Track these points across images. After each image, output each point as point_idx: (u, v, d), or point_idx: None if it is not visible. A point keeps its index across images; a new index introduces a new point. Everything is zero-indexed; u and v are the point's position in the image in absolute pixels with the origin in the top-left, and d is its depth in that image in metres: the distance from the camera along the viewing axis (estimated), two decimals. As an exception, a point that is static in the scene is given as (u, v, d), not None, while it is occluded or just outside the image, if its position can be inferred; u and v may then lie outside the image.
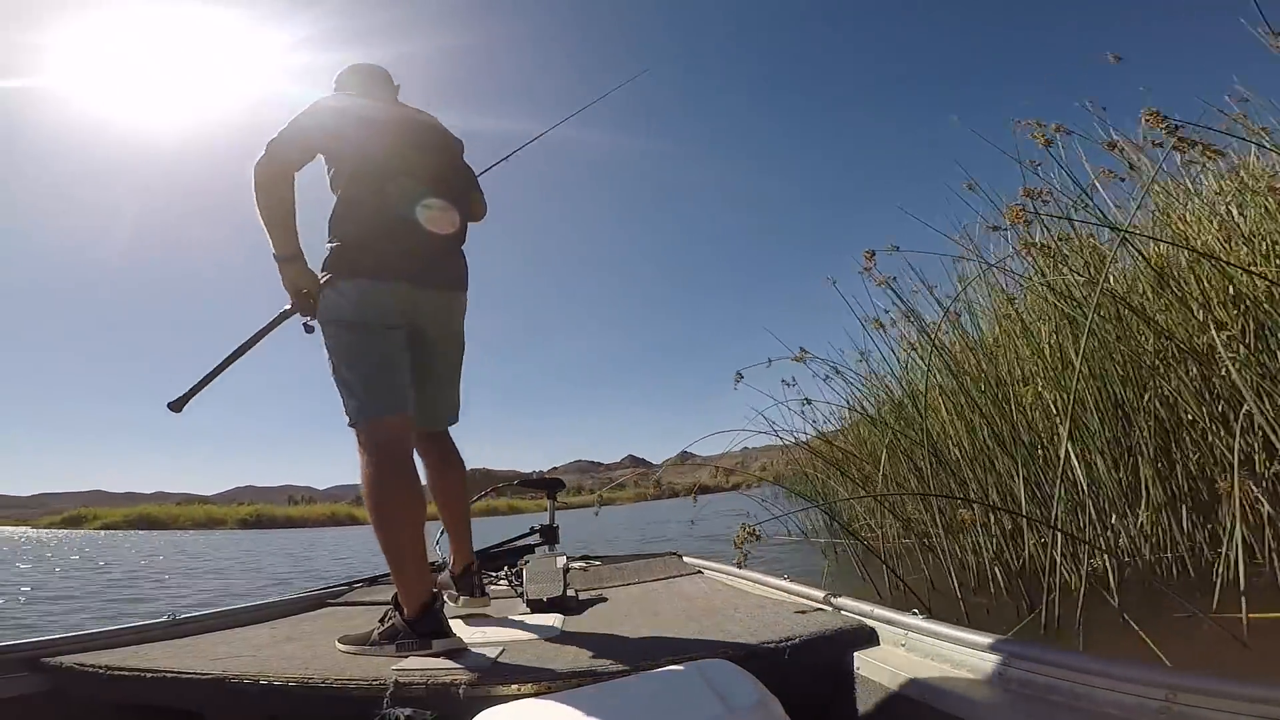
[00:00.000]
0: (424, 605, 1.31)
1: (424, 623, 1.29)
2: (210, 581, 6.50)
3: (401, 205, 1.53)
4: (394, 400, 1.46)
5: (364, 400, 1.44)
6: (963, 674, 0.91)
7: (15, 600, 4.96)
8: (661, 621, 1.41)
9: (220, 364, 1.68)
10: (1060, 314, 2.36)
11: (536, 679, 1.02)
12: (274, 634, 1.56)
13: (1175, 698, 0.65)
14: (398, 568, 1.36)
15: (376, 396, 1.44)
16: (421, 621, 1.29)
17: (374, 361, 1.46)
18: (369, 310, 1.46)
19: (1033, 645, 0.84)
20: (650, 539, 8.13)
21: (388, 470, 1.39)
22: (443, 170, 1.66)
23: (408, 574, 1.35)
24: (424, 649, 1.25)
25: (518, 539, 2.83)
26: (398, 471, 1.41)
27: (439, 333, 1.63)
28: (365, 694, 1.02)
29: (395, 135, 1.60)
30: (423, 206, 1.56)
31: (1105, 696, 0.72)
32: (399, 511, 1.38)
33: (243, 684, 1.07)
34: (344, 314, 1.46)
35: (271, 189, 1.47)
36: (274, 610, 1.93)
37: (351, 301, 1.46)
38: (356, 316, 1.46)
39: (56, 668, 1.19)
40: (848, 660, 1.07)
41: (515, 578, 2.07)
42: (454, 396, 1.74)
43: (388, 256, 1.49)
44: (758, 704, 0.75)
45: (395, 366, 1.48)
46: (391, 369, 1.47)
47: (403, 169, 1.56)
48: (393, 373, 1.47)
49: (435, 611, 1.31)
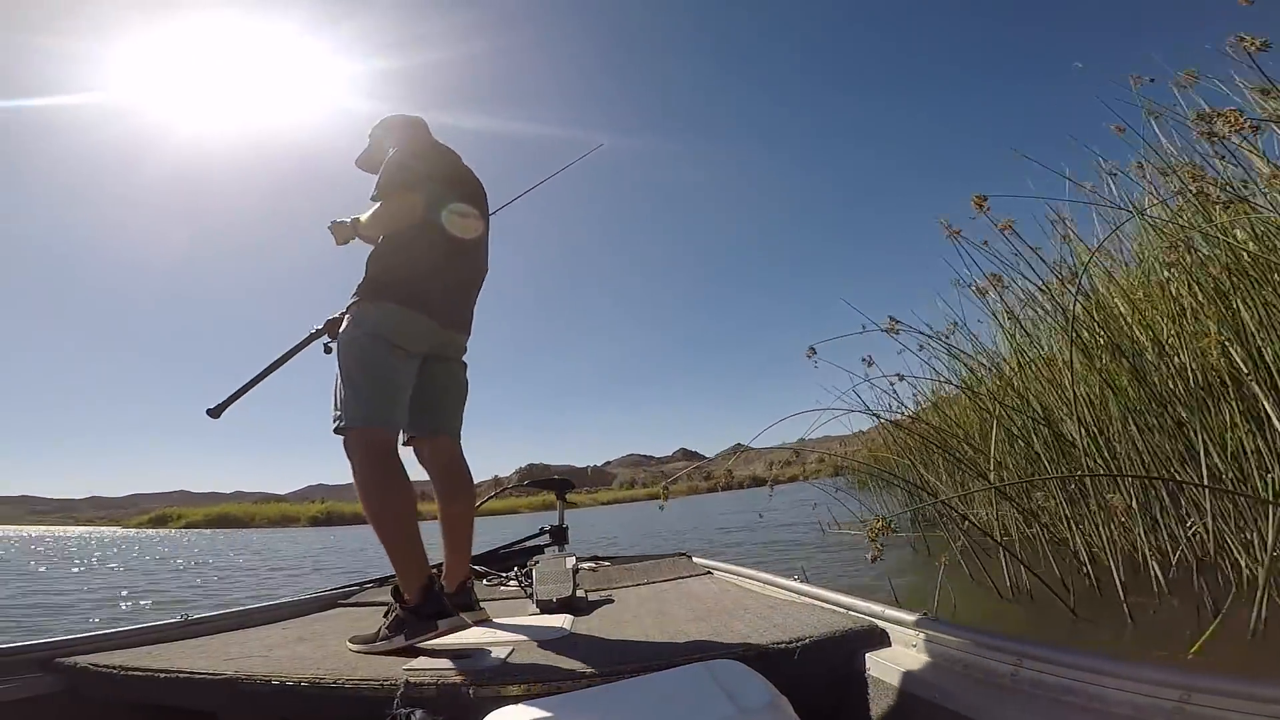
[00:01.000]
0: (424, 588, 1.37)
1: (426, 605, 1.35)
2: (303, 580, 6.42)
3: (441, 248, 1.66)
4: (391, 416, 1.55)
5: (368, 405, 1.52)
6: (974, 675, 0.90)
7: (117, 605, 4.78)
8: (671, 622, 1.41)
9: (256, 376, 1.86)
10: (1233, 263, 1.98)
11: (546, 679, 1.02)
12: (286, 634, 1.57)
13: (1190, 698, 0.65)
14: (394, 556, 1.43)
15: (380, 407, 1.53)
16: (424, 605, 1.35)
17: (390, 377, 1.55)
18: (404, 336, 1.57)
19: (1044, 645, 0.84)
20: (716, 533, 7.76)
21: (377, 467, 1.48)
22: (480, 220, 1.79)
23: (405, 562, 1.42)
24: (430, 630, 1.31)
25: (527, 539, 2.84)
26: (386, 467, 1.49)
27: (445, 355, 1.74)
28: (376, 694, 1.03)
29: (443, 181, 1.72)
30: (460, 250, 1.72)
31: (1119, 697, 0.72)
32: (392, 504, 1.46)
33: (255, 684, 1.08)
34: (384, 331, 1.56)
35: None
36: (286, 610, 1.95)
37: (394, 323, 1.56)
38: (393, 338, 1.56)
39: (71, 668, 1.20)
40: (859, 661, 1.07)
41: (525, 578, 2.08)
42: (459, 412, 1.81)
43: (429, 294, 1.62)
44: (768, 705, 0.75)
45: (403, 388, 1.58)
46: (400, 389, 1.57)
47: (453, 215, 1.69)
48: (399, 393, 1.57)
49: (435, 593, 1.37)
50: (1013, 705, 0.79)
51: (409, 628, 1.33)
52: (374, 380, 1.53)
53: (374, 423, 1.51)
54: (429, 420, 1.71)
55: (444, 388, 1.75)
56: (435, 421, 1.72)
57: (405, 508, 1.47)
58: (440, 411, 1.73)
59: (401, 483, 1.50)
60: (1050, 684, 0.80)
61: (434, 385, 1.70)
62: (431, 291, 1.62)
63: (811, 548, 4.88)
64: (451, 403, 1.78)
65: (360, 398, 1.51)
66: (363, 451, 1.49)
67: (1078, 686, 0.76)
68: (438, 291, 1.64)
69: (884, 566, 2.66)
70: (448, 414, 1.76)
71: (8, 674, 1.17)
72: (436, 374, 1.71)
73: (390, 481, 1.48)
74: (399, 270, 1.62)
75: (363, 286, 1.61)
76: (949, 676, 0.91)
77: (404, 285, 1.60)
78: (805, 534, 5.76)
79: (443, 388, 1.74)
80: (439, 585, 1.41)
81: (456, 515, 1.73)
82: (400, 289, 1.59)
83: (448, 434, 1.76)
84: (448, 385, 1.76)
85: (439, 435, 1.73)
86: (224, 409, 1.81)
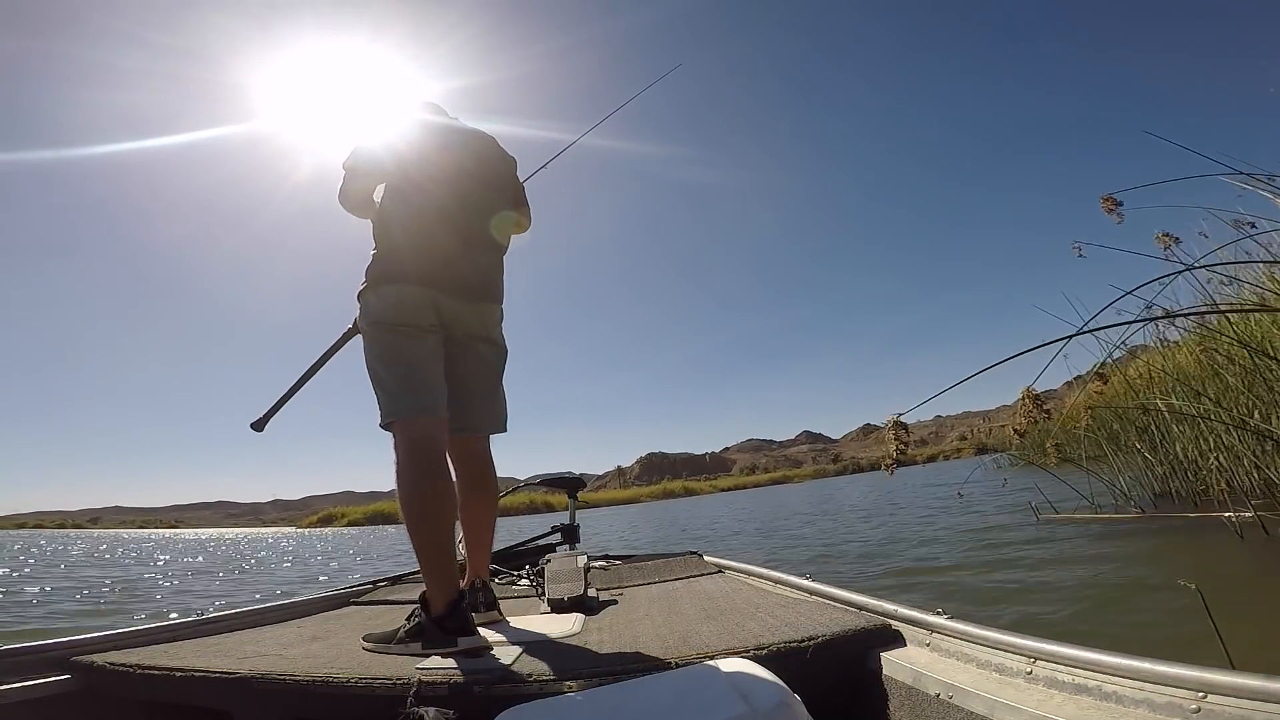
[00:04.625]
0: (451, 603, 1.34)
1: (450, 620, 1.32)
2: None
3: (428, 217, 1.61)
4: (427, 401, 1.51)
5: (398, 399, 1.49)
6: (988, 674, 0.89)
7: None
8: (682, 620, 1.41)
9: (295, 384, 1.89)
10: None
11: (558, 678, 1.02)
12: (300, 633, 1.58)
13: (1207, 698, 0.64)
14: (427, 565, 1.40)
15: (410, 396, 1.50)
16: (449, 619, 1.32)
17: (409, 361, 1.52)
18: (405, 313, 1.53)
19: (1059, 644, 0.83)
20: (897, 527, 5.90)
21: (420, 469, 1.44)
22: (474, 185, 1.72)
23: (436, 572, 1.39)
24: (449, 645, 1.27)
25: (539, 538, 2.84)
26: (429, 471, 1.45)
27: (469, 339, 1.67)
28: (389, 693, 1.03)
29: (429, 152, 1.69)
30: (463, 218, 1.66)
31: (1136, 696, 0.71)
32: (430, 510, 1.42)
33: (270, 683, 1.09)
34: (384, 316, 1.54)
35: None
36: (299, 609, 1.97)
37: (390, 304, 1.54)
38: (395, 318, 1.53)
39: (88, 667, 1.21)
40: (871, 660, 1.06)
41: (536, 577, 2.08)
42: (493, 405, 1.74)
43: (418, 265, 1.56)
44: (780, 703, 0.75)
45: (429, 368, 1.53)
46: (425, 370, 1.52)
47: (433, 184, 1.65)
48: (426, 374, 1.52)
49: (461, 610, 1.34)
50: (1027, 705, 0.79)
51: (428, 637, 1.31)
52: (395, 369, 1.51)
53: (410, 413, 1.48)
54: (457, 417, 1.64)
55: (464, 379, 1.66)
56: (460, 419, 1.65)
57: (441, 513, 1.43)
58: (462, 406, 1.65)
59: (440, 486, 1.45)
60: (1064, 683, 0.79)
61: (454, 375, 1.64)
62: (419, 260, 1.57)
63: (1049, 548, 3.47)
64: (478, 396, 1.69)
65: (389, 392, 1.50)
66: (405, 446, 1.45)
67: (1093, 686, 0.76)
68: (425, 259, 1.58)
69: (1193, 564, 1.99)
70: (473, 409, 1.69)
71: (25, 673, 1.18)
72: (457, 360, 1.65)
73: (426, 484, 1.43)
74: (381, 249, 1.60)
75: (369, 268, 1.61)
76: (962, 676, 0.90)
77: (388, 261, 1.58)
78: (1013, 519, 4.46)
79: (462, 379, 1.66)
80: (467, 602, 1.39)
81: (476, 514, 1.72)
82: (386, 265, 1.57)
83: (472, 432, 1.70)
84: (467, 375, 1.67)
85: (462, 433, 1.67)
86: (266, 421, 1.85)
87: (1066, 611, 2.29)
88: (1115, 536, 3.37)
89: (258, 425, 1.86)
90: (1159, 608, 2.16)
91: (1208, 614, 1.34)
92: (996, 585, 2.83)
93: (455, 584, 1.39)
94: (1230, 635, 1.37)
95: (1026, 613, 2.34)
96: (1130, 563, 2.89)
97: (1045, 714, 0.75)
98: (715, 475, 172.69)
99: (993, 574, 3.11)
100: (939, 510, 6.47)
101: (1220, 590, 2.16)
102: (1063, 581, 2.66)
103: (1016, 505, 4.80)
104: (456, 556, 1.45)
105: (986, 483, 4.81)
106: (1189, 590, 1.37)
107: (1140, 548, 3.15)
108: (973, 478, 4.77)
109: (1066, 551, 3.33)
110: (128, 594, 5.56)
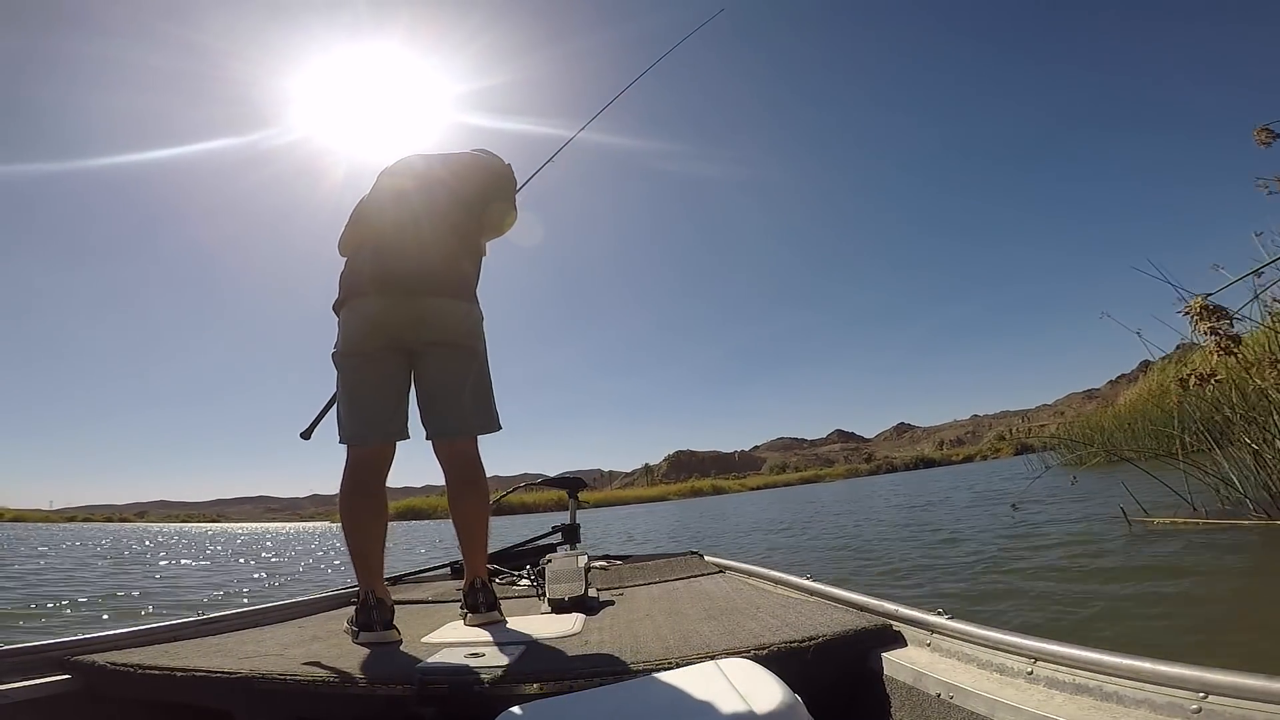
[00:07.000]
0: (361, 601, 1.51)
1: (357, 617, 1.49)
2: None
3: (374, 227, 1.76)
4: (359, 430, 1.65)
5: (342, 426, 1.68)
6: (989, 674, 0.89)
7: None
8: (683, 620, 1.41)
9: (335, 395, 1.93)
10: None
11: (558, 678, 1.02)
12: (301, 633, 1.58)
13: (1208, 698, 0.64)
14: (355, 567, 1.62)
15: (349, 425, 1.66)
16: (356, 616, 1.49)
17: (350, 392, 1.68)
18: (351, 341, 1.67)
19: (1060, 644, 0.83)
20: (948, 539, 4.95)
21: (346, 489, 1.64)
22: (439, 190, 1.82)
23: (357, 574, 1.61)
24: (353, 637, 1.45)
25: (539, 538, 2.84)
26: (352, 491, 1.64)
27: (423, 341, 1.68)
28: (390, 693, 1.04)
29: (391, 177, 1.84)
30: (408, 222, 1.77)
31: (1136, 696, 0.71)
32: (348, 523, 1.62)
33: (271, 683, 1.09)
34: (337, 345, 1.70)
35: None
36: (300, 609, 1.96)
37: (341, 334, 1.70)
38: (343, 348, 1.69)
39: (88, 666, 1.21)
40: (872, 660, 1.06)
41: (537, 577, 2.09)
42: (465, 408, 1.72)
43: (359, 277, 1.69)
44: (781, 703, 0.75)
45: (368, 397, 1.66)
46: (364, 400, 1.66)
47: (386, 200, 1.80)
48: (364, 404, 1.66)
49: (366, 608, 1.49)
50: (1028, 705, 0.78)
51: (349, 627, 1.51)
52: (346, 398, 1.68)
53: (347, 440, 1.66)
54: (430, 424, 1.70)
55: (428, 388, 1.70)
56: (434, 425, 1.70)
57: (356, 526, 1.62)
58: (433, 413, 1.70)
59: (356, 503, 1.63)
60: (1065, 683, 0.79)
61: (423, 385, 1.70)
62: (368, 270, 1.68)
63: (1162, 557, 2.87)
64: (445, 401, 1.70)
65: (338, 418, 1.69)
66: (346, 466, 1.65)
67: (1094, 686, 0.76)
68: (373, 264, 1.68)
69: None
70: (446, 414, 1.70)
71: (25, 673, 1.18)
72: (419, 371, 1.71)
73: (347, 502, 1.63)
74: (342, 279, 1.75)
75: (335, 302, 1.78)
76: (963, 676, 0.90)
77: (343, 281, 1.74)
78: (1097, 526, 3.92)
79: (428, 388, 1.70)
80: (374, 601, 1.49)
81: (465, 515, 1.74)
82: (342, 286, 1.73)
83: (451, 436, 1.72)
84: (431, 384, 1.70)
85: (442, 438, 1.72)
86: (313, 429, 1.99)
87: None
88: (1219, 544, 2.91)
89: (305, 434, 2.00)
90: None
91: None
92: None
93: (366, 586, 1.53)
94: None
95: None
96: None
97: (1046, 714, 0.75)
98: (745, 474, 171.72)
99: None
100: (997, 516, 5.76)
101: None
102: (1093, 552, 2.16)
103: (1089, 511, 4.29)
104: (381, 563, 1.62)
105: (1049, 483, 4.38)
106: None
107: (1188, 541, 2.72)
108: (1035, 477, 4.20)
109: (1186, 561, 2.85)
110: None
